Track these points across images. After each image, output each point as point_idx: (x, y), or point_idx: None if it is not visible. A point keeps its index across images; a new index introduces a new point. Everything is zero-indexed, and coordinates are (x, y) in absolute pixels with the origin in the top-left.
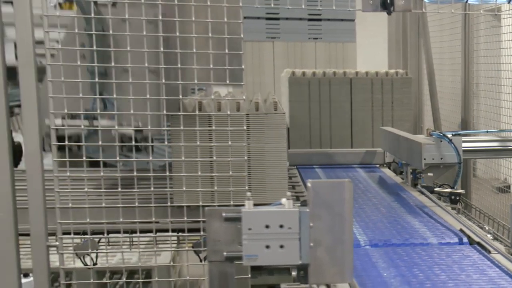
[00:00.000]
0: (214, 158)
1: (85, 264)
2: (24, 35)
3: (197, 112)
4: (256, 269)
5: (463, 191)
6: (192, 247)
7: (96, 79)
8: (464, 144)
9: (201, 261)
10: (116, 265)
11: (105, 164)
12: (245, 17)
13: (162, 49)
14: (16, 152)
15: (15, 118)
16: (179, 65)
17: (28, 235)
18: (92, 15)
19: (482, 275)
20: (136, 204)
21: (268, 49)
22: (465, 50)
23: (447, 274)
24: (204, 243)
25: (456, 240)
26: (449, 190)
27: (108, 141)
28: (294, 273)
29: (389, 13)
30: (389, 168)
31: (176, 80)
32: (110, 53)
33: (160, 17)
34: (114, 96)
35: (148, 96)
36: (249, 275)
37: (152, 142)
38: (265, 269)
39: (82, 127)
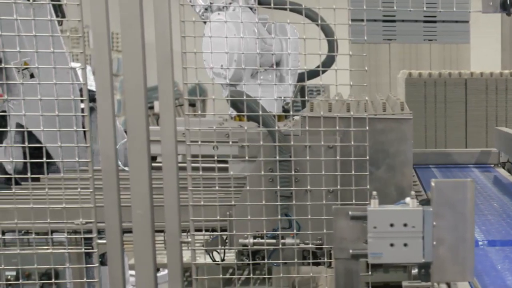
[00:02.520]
0: (338, 157)
1: (214, 260)
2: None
3: (321, 113)
4: (372, 267)
5: None
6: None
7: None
8: None
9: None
10: (243, 262)
11: None
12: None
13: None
14: None
15: None
16: (353, 186)
17: (158, 231)
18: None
19: None
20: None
21: (384, 50)
22: None
23: None
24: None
25: None
26: None
27: (291, 257)
28: (414, 271)
29: (508, 14)
30: (504, 168)
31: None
32: (295, 177)
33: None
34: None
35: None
36: (369, 273)
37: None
38: (380, 267)
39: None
